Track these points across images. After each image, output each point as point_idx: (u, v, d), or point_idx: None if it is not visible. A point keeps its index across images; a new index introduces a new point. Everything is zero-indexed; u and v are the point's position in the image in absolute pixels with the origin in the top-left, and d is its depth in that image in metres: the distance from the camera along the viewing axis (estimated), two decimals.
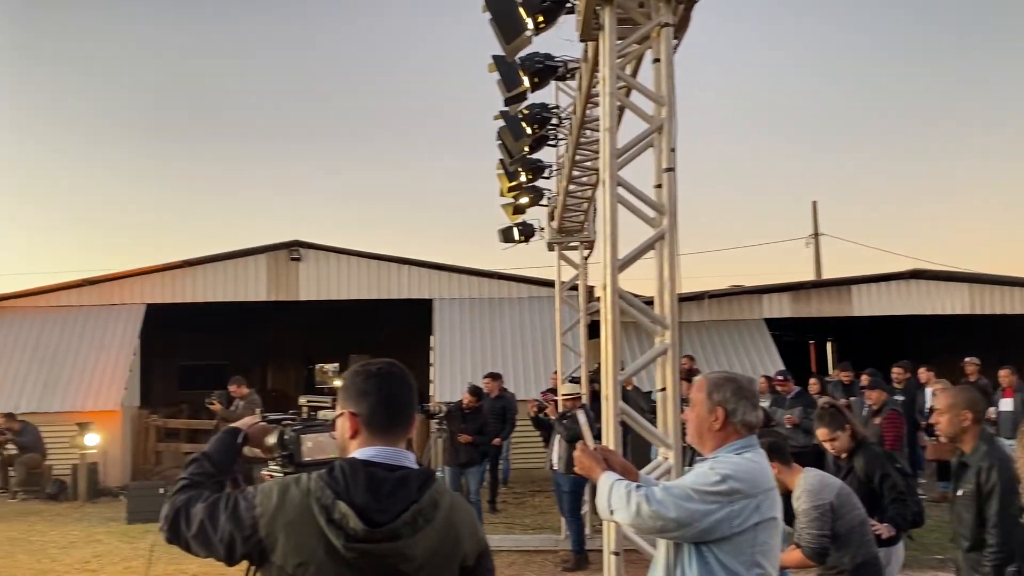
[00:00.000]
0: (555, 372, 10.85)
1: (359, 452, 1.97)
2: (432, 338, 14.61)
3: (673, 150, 4.48)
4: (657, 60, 4.63)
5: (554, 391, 10.67)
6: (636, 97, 5.07)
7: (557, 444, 8.09)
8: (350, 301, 15.48)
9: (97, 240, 35.35)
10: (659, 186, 4.55)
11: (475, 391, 9.78)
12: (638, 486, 2.66)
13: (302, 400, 2.84)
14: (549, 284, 14.36)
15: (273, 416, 2.53)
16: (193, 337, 18.84)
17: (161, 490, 10.41)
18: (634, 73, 5.36)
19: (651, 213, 4.58)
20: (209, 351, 20.20)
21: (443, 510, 1.93)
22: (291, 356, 22.07)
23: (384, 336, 18.57)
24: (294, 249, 15.03)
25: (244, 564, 1.95)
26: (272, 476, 2.69)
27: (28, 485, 12.13)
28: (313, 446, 2.49)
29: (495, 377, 11.09)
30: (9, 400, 13.35)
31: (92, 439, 11.81)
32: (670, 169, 4.46)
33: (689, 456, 4.83)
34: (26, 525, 10.04)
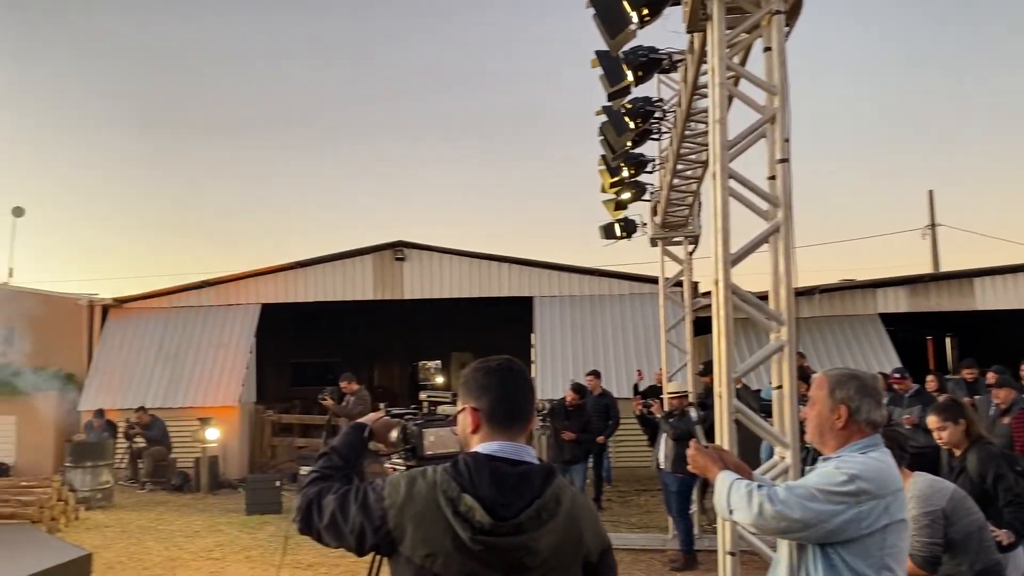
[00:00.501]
0: (659, 370, 10.71)
1: (482, 447, 1.99)
2: (533, 336, 14.66)
3: (787, 140, 4.35)
4: (768, 49, 4.51)
5: (652, 391, 10.54)
6: (745, 87, 4.95)
7: (664, 443, 7.99)
8: (452, 299, 15.71)
9: (215, 243, 37.06)
10: (772, 177, 4.43)
11: (578, 388, 9.77)
12: (759, 485, 2.60)
13: (422, 395, 2.90)
14: (651, 280, 14.17)
15: (395, 411, 2.60)
16: (304, 336, 19.54)
17: (277, 483, 10.86)
18: (743, 62, 5.23)
19: (764, 206, 4.46)
20: (319, 349, 20.90)
21: (566, 505, 1.94)
22: (395, 354, 22.60)
23: (485, 334, 18.76)
24: (398, 249, 15.36)
25: (351, 554, 2.00)
26: (395, 469, 2.77)
27: (155, 476, 12.83)
28: (435, 440, 2.55)
29: (597, 375, 11.05)
30: (137, 396, 14.16)
31: (213, 433, 12.39)
32: (784, 160, 4.34)
33: (811, 456, 4.68)
34: (155, 514, 10.61)
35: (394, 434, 2.52)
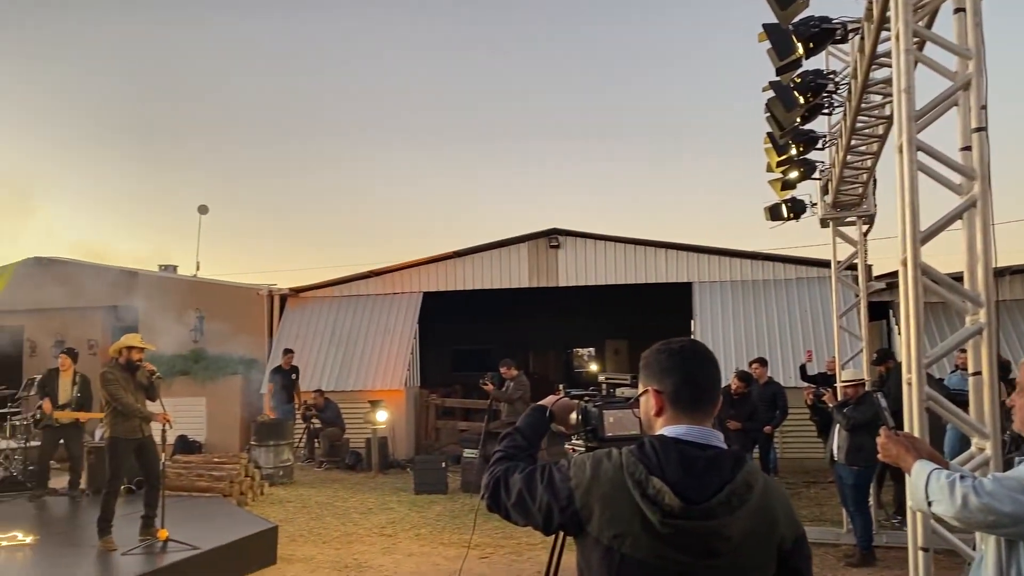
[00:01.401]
0: (831, 358, 10.22)
1: (667, 430, 1.96)
2: (692, 323, 14.35)
3: (984, 107, 4.01)
4: (960, 10, 4.16)
5: (823, 379, 10.06)
6: (931, 52, 4.60)
7: (837, 434, 7.61)
8: (607, 286, 15.63)
9: (381, 234, 38.69)
10: (966, 148, 4.10)
11: (744, 376, 9.49)
12: (961, 476, 2.42)
13: (601, 377, 2.91)
14: (821, 264, 13.54)
15: (574, 392, 2.62)
16: (464, 323, 20.06)
17: (443, 464, 11.23)
18: (928, 27, 4.86)
19: (957, 179, 4.14)
20: (477, 336, 21.42)
21: (758, 491, 1.88)
22: (551, 341, 22.79)
23: (641, 321, 18.55)
24: (553, 237, 15.45)
25: (520, 535, 2.02)
26: (575, 450, 2.78)
27: (330, 456, 13.60)
28: (615, 422, 2.54)
29: (763, 363, 10.68)
30: (312, 379, 15.05)
31: (382, 415, 12.97)
32: (981, 129, 4.00)
33: (1009, 446, 4.32)
34: (331, 491, 11.25)
35: (574, 416, 2.54)
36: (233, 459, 10.76)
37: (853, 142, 7.40)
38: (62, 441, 9.92)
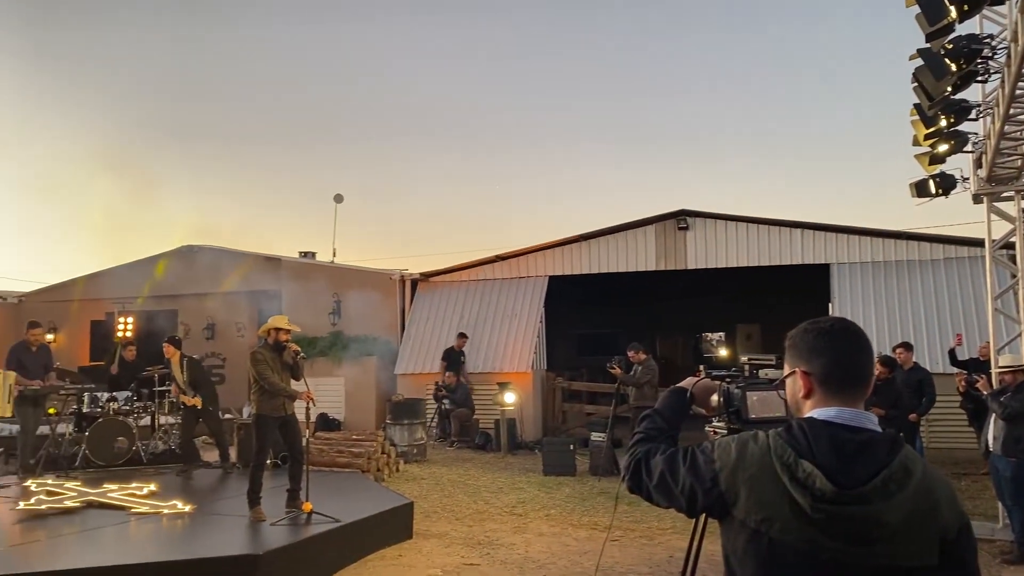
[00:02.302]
0: (985, 343, 9.57)
1: (816, 412, 1.90)
2: (830, 306, 13.76)
3: None
4: None
5: (975, 365, 9.44)
6: None
7: (993, 423, 7.13)
8: (738, 269, 15.20)
9: (507, 219, 39.09)
10: None
11: (887, 362, 9.02)
12: None
13: (743, 359, 2.84)
14: (972, 243, 12.71)
15: (715, 373, 2.57)
16: (589, 306, 20.06)
17: (571, 447, 11.28)
18: None
19: None
20: (603, 320, 21.37)
21: (916, 477, 1.79)
22: (678, 325, 22.45)
23: (774, 305, 17.98)
24: (682, 218, 15.15)
25: (649, 519, 1.99)
26: (716, 433, 2.74)
27: (461, 436, 13.93)
28: (758, 403, 2.47)
29: (908, 347, 10.12)
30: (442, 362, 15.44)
31: (510, 397, 13.15)
32: None
33: None
34: (462, 470, 11.52)
35: (715, 398, 2.49)
36: (370, 436, 11.19)
37: (1012, 110, 6.86)
38: (200, 420, 10.55)
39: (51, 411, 10.62)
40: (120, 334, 13.87)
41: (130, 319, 14.88)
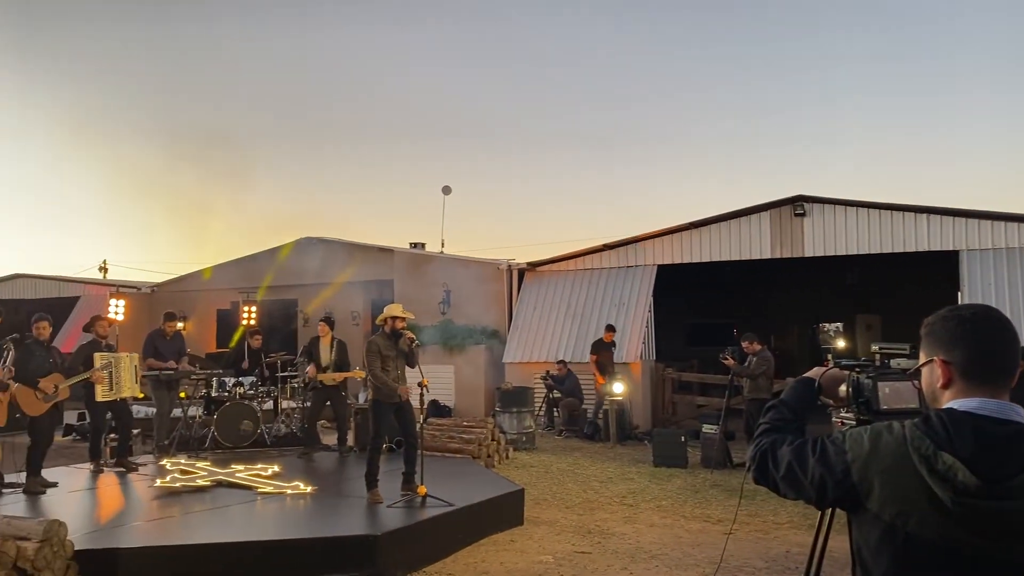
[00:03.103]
0: None
1: (957, 403, 1.81)
2: (959, 295, 13.02)
3: None
4: None
5: None
6: None
7: None
8: (858, 256, 14.58)
9: (616, 208, 38.88)
10: None
11: None
12: None
13: (874, 347, 2.72)
14: None
15: (845, 363, 2.47)
16: (700, 296, 19.68)
17: (682, 438, 11.12)
18: None
19: None
20: (714, 309, 20.92)
21: None
22: (794, 315, 21.72)
23: (897, 294, 17.18)
24: (798, 204, 14.64)
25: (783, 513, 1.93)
26: (843, 424, 2.64)
27: (569, 425, 13.95)
28: (891, 394, 2.36)
29: None
30: (550, 350, 15.50)
31: (618, 387, 13.06)
32: None
33: None
34: (571, 459, 11.53)
35: (843, 388, 2.41)
36: (480, 424, 11.35)
37: None
38: (329, 403, 10.96)
39: (182, 395, 11.28)
40: (244, 322, 14.54)
41: (253, 308, 15.56)
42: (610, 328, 14.33)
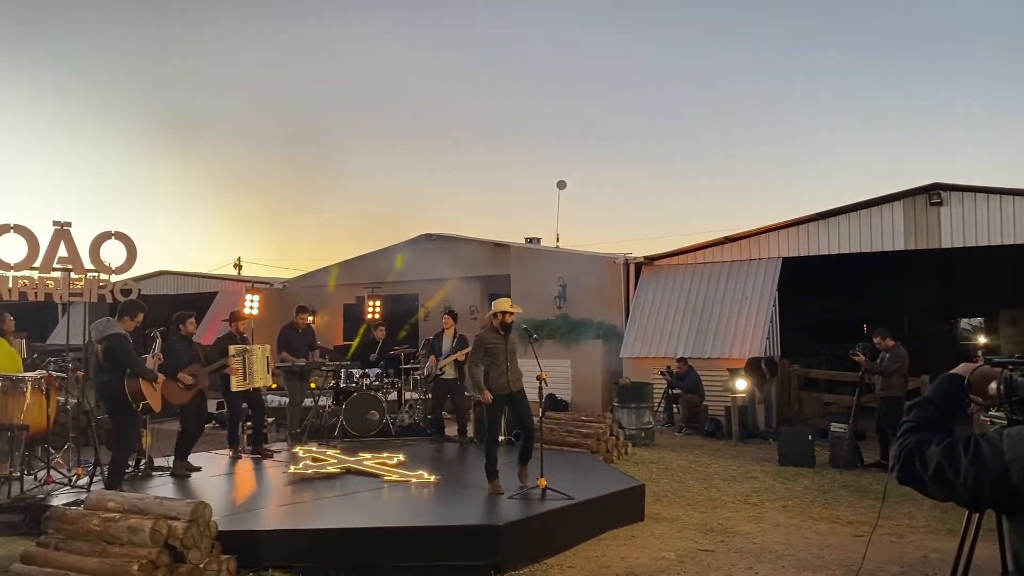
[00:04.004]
0: None
1: None
2: None
3: None
4: None
5: None
6: None
7: None
8: (1002, 247, 13.64)
9: (736, 199, 37.93)
10: None
11: None
12: None
13: None
14: None
15: (997, 359, 2.34)
16: (826, 289, 18.92)
17: (809, 436, 10.75)
18: None
19: None
20: (842, 303, 20.07)
21: None
22: (929, 310, 20.58)
23: None
24: (935, 192, 13.83)
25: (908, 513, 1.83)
26: (992, 423, 2.50)
27: (689, 422, 13.73)
28: None
29: None
30: (669, 346, 15.28)
31: (741, 384, 12.74)
32: None
33: None
34: (692, 456, 11.34)
35: (993, 386, 2.27)
36: (599, 418, 11.32)
37: None
38: (449, 396, 11.19)
39: (312, 385, 11.79)
40: (369, 316, 15.06)
41: (378, 302, 16.08)
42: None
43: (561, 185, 21.37)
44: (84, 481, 7.81)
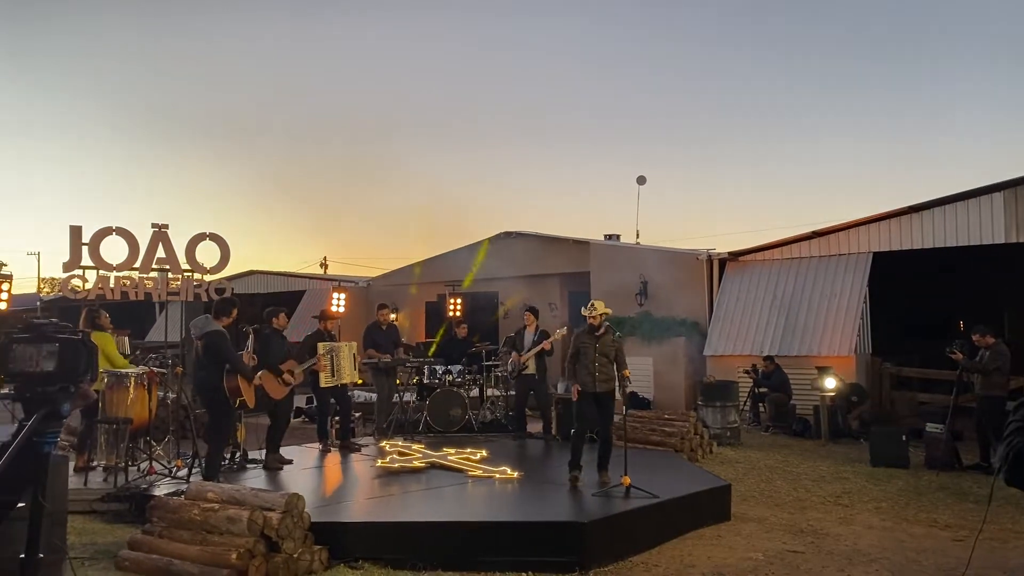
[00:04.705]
0: None
1: None
2: None
3: None
4: None
5: None
6: None
7: None
8: None
9: (827, 192, 36.91)
10: None
11: None
12: None
13: None
14: None
15: None
16: (920, 285, 18.20)
17: (903, 437, 10.38)
18: None
19: None
20: (937, 299, 19.27)
21: None
22: None
23: None
24: None
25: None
26: None
27: (776, 421, 13.41)
28: None
29: None
30: (754, 344, 14.96)
31: (830, 383, 12.38)
32: None
33: None
34: (780, 456, 11.07)
35: None
36: (682, 417, 11.18)
37: None
38: (532, 392, 11.22)
39: (397, 381, 12.02)
40: (451, 314, 15.24)
41: (459, 300, 16.26)
42: None
43: (641, 181, 21.18)
44: (183, 472, 8.15)
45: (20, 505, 1.83)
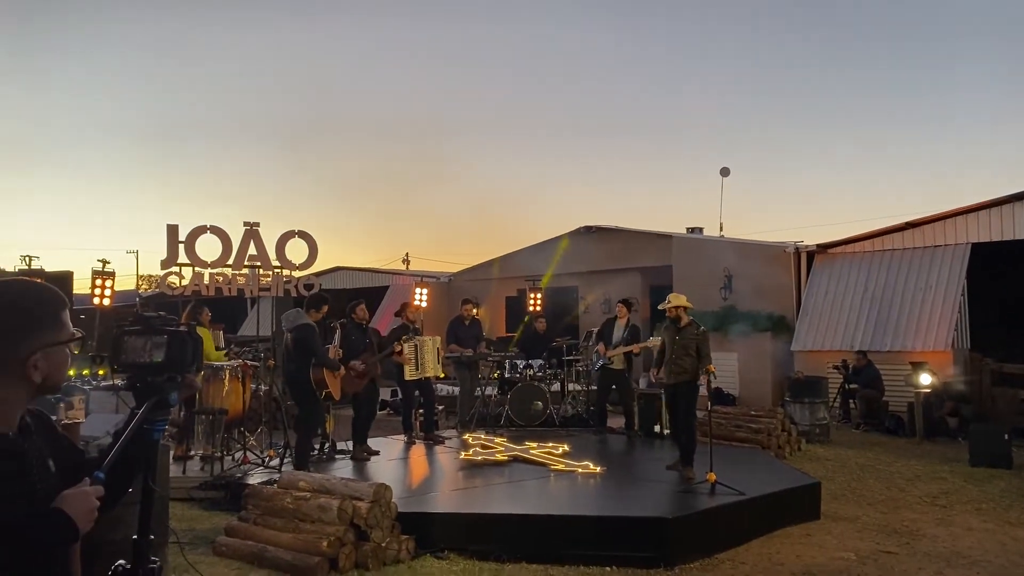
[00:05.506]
0: None
1: None
2: None
3: None
4: None
5: None
6: None
7: None
8: None
9: (914, 183, 35.52)
10: None
11: None
12: None
13: None
14: None
15: None
16: (1022, 277, 17.32)
17: (1005, 435, 9.92)
18: None
19: None
20: None
21: None
22: None
23: None
24: None
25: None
26: None
27: (868, 418, 12.99)
28: None
29: None
30: (844, 339, 14.52)
31: (925, 379, 11.92)
32: None
33: None
34: (872, 454, 10.72)
35: None
36: (769, 413, 10.94)
37: None
38: (614, 387, 11.13)
39: (479, 375, 12.13)
40: (531, 308, 15.28)
41: (539, 295, 16.27)
42: None
43: (724, 172, 20.78)
44: (275, 462, 8.42)
45: (130, 490, 1.93)
